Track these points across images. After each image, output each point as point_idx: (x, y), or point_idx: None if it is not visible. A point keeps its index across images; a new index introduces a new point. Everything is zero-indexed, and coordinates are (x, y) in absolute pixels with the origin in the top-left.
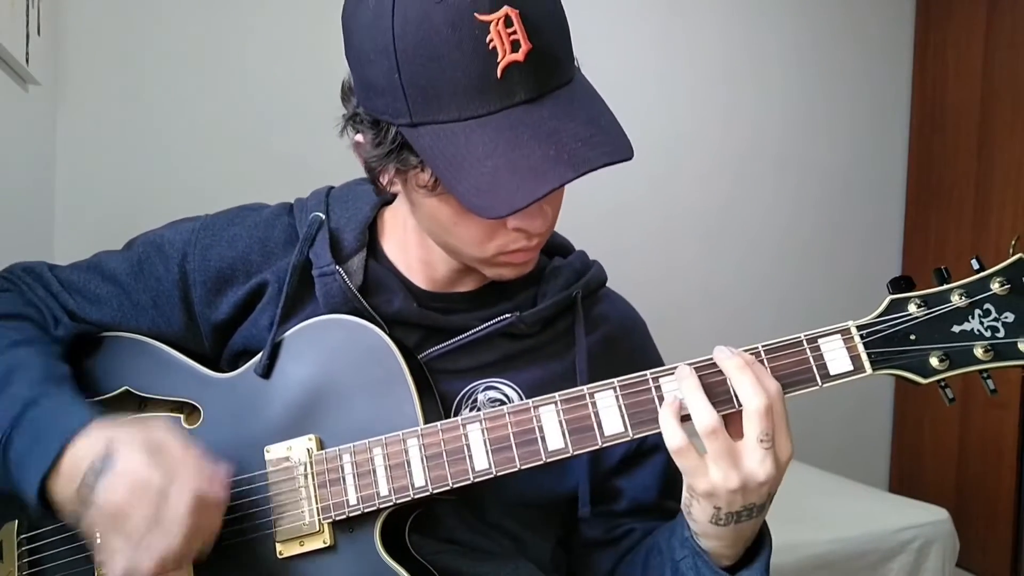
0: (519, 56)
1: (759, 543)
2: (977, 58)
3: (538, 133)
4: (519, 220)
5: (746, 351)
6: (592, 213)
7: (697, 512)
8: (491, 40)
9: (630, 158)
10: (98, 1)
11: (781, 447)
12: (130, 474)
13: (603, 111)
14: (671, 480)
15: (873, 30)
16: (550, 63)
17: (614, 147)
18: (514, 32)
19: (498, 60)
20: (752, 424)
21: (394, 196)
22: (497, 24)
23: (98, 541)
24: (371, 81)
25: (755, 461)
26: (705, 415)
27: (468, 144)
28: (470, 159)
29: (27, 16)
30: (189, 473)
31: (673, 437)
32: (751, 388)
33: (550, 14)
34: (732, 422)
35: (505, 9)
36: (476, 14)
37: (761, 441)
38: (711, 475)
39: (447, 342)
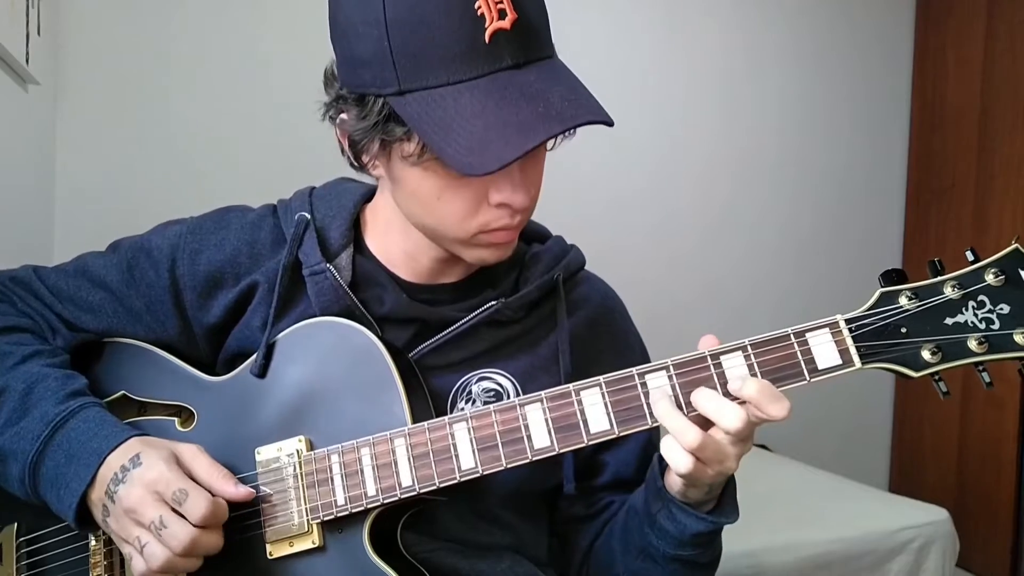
0: (505, 24)
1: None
2: (977, 58)
3: (526, 93)
4: (503, 194)
5: (733, 347)
6: (592, 210)
7: (673, 483)
8: (479, 7)
9: (612, 124)
10: (98, 1)
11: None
12: (149, 476)
13: (583, 85)
14: (649, 455)
15: (873, 30)
16: (533, 34)
17: (598, 111)
18: (500, 1)
19: (486, 26)
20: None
21: (373, 192)
22: None
23: (121, 541)
24: (358, 54)
25: (736, 452)
26: (689, 435)
27: (457, 106)
28: (459, 120)
29: (27, 16)
30: (207, 490)
31: (690, 437)
32: (729, 414)
33: None
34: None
35: None
36: None
37: (742, 441)
38: (704, 475)
39: (436, 337)
